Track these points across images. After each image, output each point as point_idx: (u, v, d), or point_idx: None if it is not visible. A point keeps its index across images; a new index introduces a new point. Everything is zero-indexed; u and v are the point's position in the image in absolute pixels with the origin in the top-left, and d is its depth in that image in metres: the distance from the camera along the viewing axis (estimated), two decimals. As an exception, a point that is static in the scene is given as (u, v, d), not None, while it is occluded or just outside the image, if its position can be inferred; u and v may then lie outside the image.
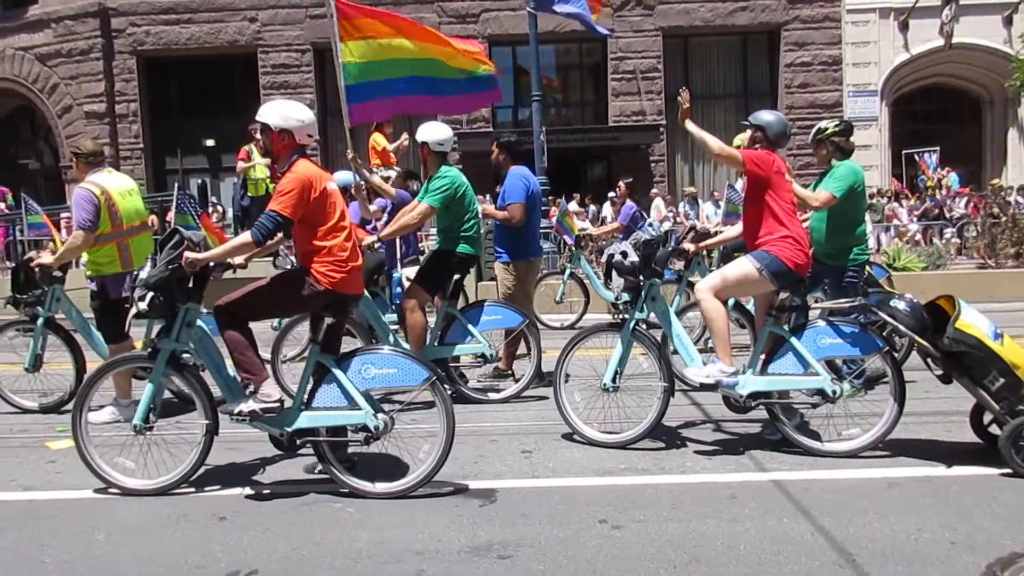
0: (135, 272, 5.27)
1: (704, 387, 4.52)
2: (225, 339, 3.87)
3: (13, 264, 6.89)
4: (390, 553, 3.23)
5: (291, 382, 5.43)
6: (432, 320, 5.88)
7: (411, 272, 6.19)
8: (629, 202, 9.61)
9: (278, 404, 3.83)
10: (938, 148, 18.79)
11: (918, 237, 15.55)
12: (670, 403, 4.55)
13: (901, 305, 4.12)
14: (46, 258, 5.71)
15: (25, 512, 3.81)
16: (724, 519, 3.49)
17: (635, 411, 4.63)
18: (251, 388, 3.87)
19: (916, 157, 19.08)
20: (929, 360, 4.19)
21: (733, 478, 4.05)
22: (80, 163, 5.48)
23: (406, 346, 5.67)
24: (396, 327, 6.16)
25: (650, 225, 10.25)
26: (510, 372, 6.06)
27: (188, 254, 3.81)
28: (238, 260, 4.18)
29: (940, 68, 20.86)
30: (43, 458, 4.69)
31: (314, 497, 3.87)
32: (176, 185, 9.00)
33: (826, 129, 5.49)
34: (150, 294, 3.77)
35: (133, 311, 3.83)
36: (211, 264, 3.97)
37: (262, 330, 3.96)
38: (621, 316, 4.65)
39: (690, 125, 4.57)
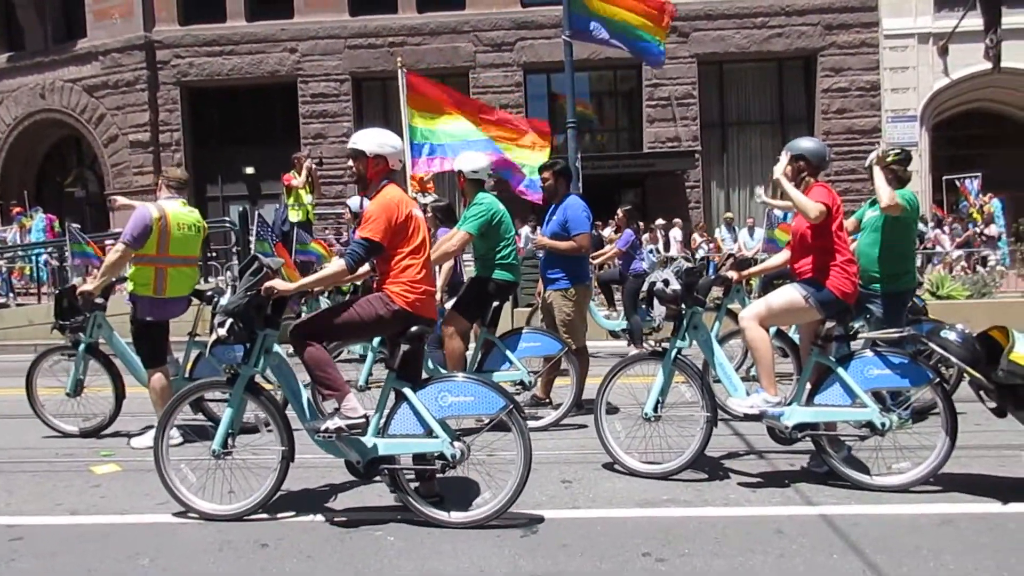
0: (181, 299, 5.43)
1: (748, 417, 4.45)
2: (304, 360, 3.87)
3: (58, 291, 7.08)
4: (432, 584, 3.20)
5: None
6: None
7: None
8: (628, 229, 9.56)
9: (363, 420, 3.80)
10: (980, 174, 18.46)
11: (962, 264, 15.24)
12: (713, 433, 4.48)
13: (952, 336, 4.02)
14: (88, 284, 5.82)
15: (72, 536, 3.85)
16: (771, 554, 3.42)
17: (677, 441, 4.56)
18: (335, 405, 3.86)
19: (957, 183, 18.77)
20: (982, 392, 4.09)
21: (779, 511, 3.96)
22: (163, 186, 5.63)
23: (443, 371, 5.67)
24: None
25: (650, 252, 10.21)
26: (548, 400, 6.03)
27: (273, 283, 3.85)
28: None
29: (982, 93, 20.54)
30: (88, 482, 4.74)
31: (357, 525, 3.86)
32: (257, 213, 9.24)
33: (887, 156, 5.40)
34: (229, 320, 3.79)
35: (213, 337, 3.86)
36: None
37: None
38: (636, 344, 4.58)
39: (785, 183, 4.45)
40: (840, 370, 4.25)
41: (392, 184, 4.03)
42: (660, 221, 17.61)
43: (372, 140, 4.04)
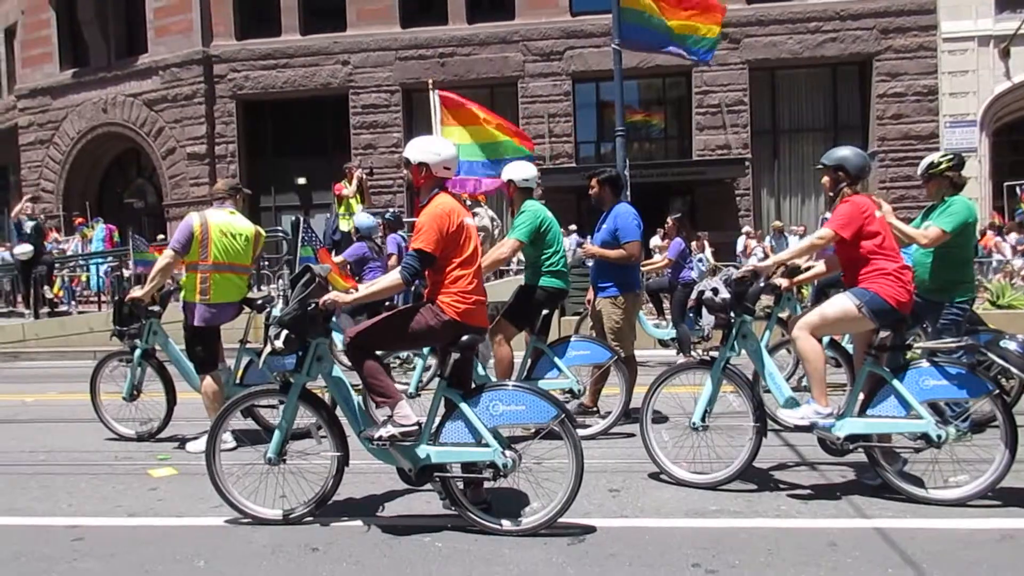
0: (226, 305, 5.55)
1: (799, 428, 4.37)
2: (359, 368, 3.93)
3: (118, 298, 7.32)
4: (479, 590, 3.22)
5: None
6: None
7: None
8: (677, 238, 9.47)
9: (416, 427, 3.83)
10: (1040, 180, 17.90)
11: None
12: (762, 444, 4.42)
13: (1012, 346, 3.91)
14: (137, 291, 6.02)
15: (129, 538, 3.96)
16: (824, 567, 3.35)
17: (725, 451, 4.51)
18: (388, 412, 3.90)
19: (1018, 190, 18.20)
20: (1044, 404, 3.96)
21: (832, 524, 3.89)
22: (212, 201, 5.87)
23: (493, 378, 5.69)
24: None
25: (699, 260, 10.08)
26: (596, 409, 6.00)
27: (332, 295, 3.91)
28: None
29: (1046, 97, 19.96)
30: (146, 485, 4.87)
31: (405, 531, 3.89)
32: (301, 218, 9.43)
33: (939, 164, 5.23)
34: (285, 332, 3.84)
35: (268, 349, 3.92)
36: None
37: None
38: (685, 353, 4.55)
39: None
40: (895, 381, 4.14)
41: (444, 193, 4.04)
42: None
43: (415, 147, 4.08)
